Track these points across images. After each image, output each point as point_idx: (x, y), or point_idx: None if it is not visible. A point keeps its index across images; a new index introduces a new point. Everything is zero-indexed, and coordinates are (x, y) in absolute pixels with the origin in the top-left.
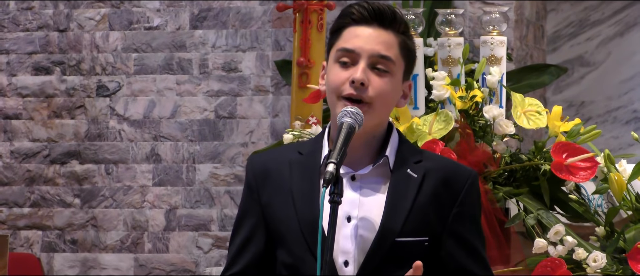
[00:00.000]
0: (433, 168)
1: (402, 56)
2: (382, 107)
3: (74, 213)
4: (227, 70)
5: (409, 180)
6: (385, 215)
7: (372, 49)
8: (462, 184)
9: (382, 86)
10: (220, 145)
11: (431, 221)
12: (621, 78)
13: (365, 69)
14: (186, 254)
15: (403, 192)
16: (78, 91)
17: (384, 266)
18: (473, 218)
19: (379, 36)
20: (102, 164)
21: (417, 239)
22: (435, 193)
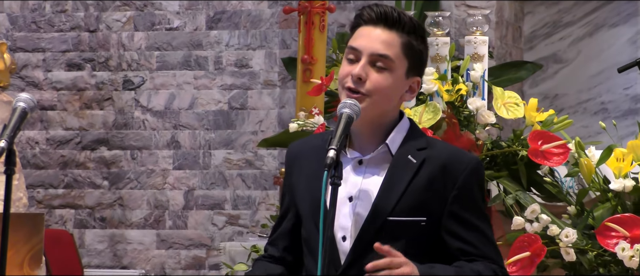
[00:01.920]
0: (434, 155)
1: (405, 54)
2: (380, 100)
3: (103, 194)
4: (239, 66)
5: (408, 165)
6: (379, 195)
7: (372, 48)
8: (461, 170)
9: (379, 81)
10: (233, 133)
11: (429, 203)
12: (590, 73)
13: (365, 65)
14: (203, 230)
15: (399, 175)
16: (106, 85)
17: (375, 240)
18: (473, 201)
19: (381, 36)
20: (128, 150)
21: (412, 219)
22: (433, 178)
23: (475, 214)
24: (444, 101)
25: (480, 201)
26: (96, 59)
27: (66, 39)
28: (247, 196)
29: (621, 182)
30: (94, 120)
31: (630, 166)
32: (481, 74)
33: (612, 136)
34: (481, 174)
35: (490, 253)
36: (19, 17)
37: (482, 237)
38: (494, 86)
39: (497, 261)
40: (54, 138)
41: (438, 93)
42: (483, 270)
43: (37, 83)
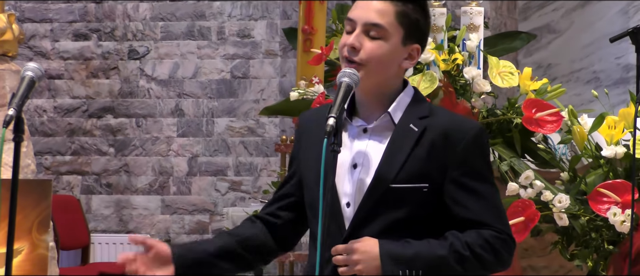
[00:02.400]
0: (436, 123)
1: (399, 23)
2: (376, 68)
3: (109, 161)
4: (241, 36)
5: (409, 133)
6: (381, 163)
7: (366, 17)
8: (461, 137)
9: (374, 50)
10: (235, 101)
11: (430, 170)
12: (583, 44)
13: (359, 34)
14: (206, 196)
15: (401, 143)
16: (112, 55)
17: (379, 209)
18: (473, 167)
19: (375, 6)
20: (133, 118)
21: (414, 185)
22: (434, 145)
23: (476, 180)
24: (441, 70)
25: (481, 166)
26: (102, 29)
27: (73, 9)
28: (249, 162)
29: (613, 149)
30: (100, 89)
31: (621, 133)
32: (477, 44)
33: (604, 104)
34: (482, 141)
35: (489, 218)
36: None
37: (483, 202)
38: (489, 56)
39: (495, 226)
40: (61, 106)
41: (435, 62)
42: (473, 239)
43: (45, 53)
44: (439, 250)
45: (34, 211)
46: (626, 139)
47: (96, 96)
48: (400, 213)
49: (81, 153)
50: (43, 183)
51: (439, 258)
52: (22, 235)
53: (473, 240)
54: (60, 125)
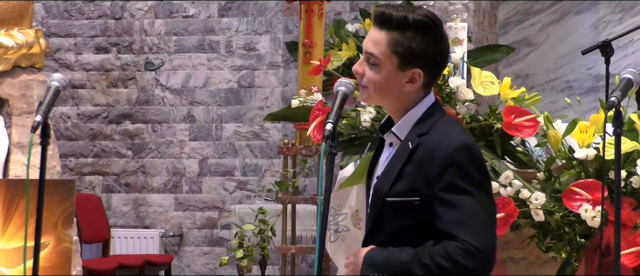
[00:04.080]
0: (426, 140)
1: (392, 51)
2: (375, 91)
3: (127, 162)
4: (247, 49)
5: (405, 150)
6: (379, 178)
7: (366, 46)
8: (441, 153)
9: (371, 76)
10: (242, 108)
11: (419, 185)
12: (557, 55)
13: (362, 61)
14: (215, 194)
15: (397, 160)
16: (130, 66)
17: (382, 219)
18: (451, 182)
19: (374, 36)
20: (149, 123)
21: (405, 199)
22: (421, 161)
23: (453, 193)
24: None
25: (458, 180)
26: (121, 43)
27: (94, 25)
28: (255, 164)
29: (584, 151)
30: (119, 97)
31: (592, 137)
32: (461, 56)
33: (577, 110)
34: (459, 156)
35: (457, 230)
36: (53, 6)
37: (455, 214)
38: (472, 67)
39: (460, 238)
40: (84, 113)
41: None
42: (437, 249)
43: (69, 64)
44: (405, 256)
45: (59, 208)
46: (596, 143)
47: (116, 103)
48: (401, 222)
49: (102, 156)
50: (67, 182)
51: (402, 263)
52: (49, 230)
53: (437, 249)
54: (83, 130)
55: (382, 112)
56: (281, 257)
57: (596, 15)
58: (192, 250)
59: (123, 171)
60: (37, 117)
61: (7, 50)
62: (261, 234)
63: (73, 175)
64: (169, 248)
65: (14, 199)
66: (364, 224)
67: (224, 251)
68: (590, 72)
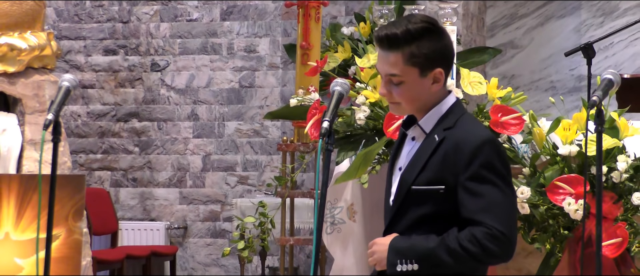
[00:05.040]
0: (453, 134)
1: (411, 64)
2: (408, 103)
3: (134, 158)
4: (248, 51)
5: (432, 142)
6: (406, 168)
7: (383, 70)
8: (468, 146)
9: (400, 93)
10: (243, 107)
11: (444, 175)
12: (541, 57)
13: (385, 84)
14: (218, 188)
15: (423, 151)
16: (137, 67)
17: (406, 207)
18: (477, 172)
19: (387, 58)
20: (155, 121)
21: (430, 187)
22: (447, 153)
23: (478, 182)
24: None
25: (484, 171)
26: (128, 46)
27: (103, 28)
28: (255, 160)
29: (567, 148)
30: (126, 97)
31: (575, 134)
32: None
33: (560, 109)
34: (487, 150)
35: (482, 216)
36: (63, 11)
37: (480, 202)
38: (461, 68)
39: (486, 223)
40: (93, 112)
41: None
42: (464, 235)
43: (79, 66)
44: (431, 243)
45: (70, 202)
46: (579, 140)
47: (123, 103)
48: (424, 210)
49: (110, 152)
50: (77, 177)
51: (429, 249)
52: (60, 222)
53: (464, 235)
54: (92, 128)
55: (375, 111)
56: (280, 248)
57: (578, 19)
58: (196, 241)
59: (130, 166)
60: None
61: (20, 52)
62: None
63: (83, 170)
64: (174, 240)
65: (27, 193)
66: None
67: (226, 243)
68: (572, 73)
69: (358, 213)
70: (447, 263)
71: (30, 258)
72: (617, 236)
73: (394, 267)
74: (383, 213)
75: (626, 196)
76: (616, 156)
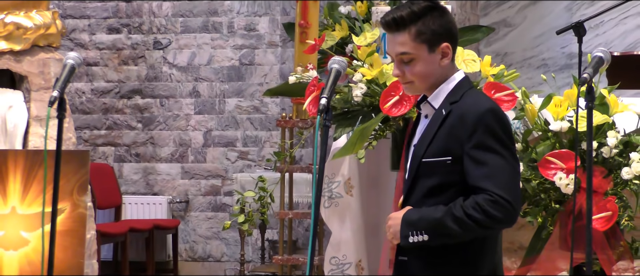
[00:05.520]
0: (457, 107)
1: (419, 42)
2: (421, 80)
3: (137, 134)
4: (248, 30)
5: (439, 116)
6: (417, 143)
7: (394, 51)
8: (472, 117)
9: (412, 71)
10: (243, 84)
11: (451, 146)
12: (534, 35)
13: (398, 64)
14: (218, 164)
15: (432, 126)
16: (140, 45)
17: (419, 179)
18: (482, 141)
19: (396, 39)
20: (158, 98)
21: (439, 159)
22: (453, 125)
23: (482, 151)
24: None
25: (488, 140)
26: (131, 24)
27: (107, 7)
28: (255, 135)
29: (559, 124)
30: (130, 74)
31: (566, 110)
32: None
33: (552, 86)
34: (489, 119)
35: (485, 183)
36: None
37: (484, 170)
38: None
39: (489, 190)
40: (97, 89)
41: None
42: (468, 203)
43: (84, 44)
44: (439, 213)
45: (75, 177)
46: (570, 116)
47: (126, 80)
48: (433, 181)
49: (114, 128)
50: (82, 153)
51: (436, 219)
52: (65, 197)
53: (468, 203)
54: (96, 104)
55: (372, 88)
56: (279, 221)
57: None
58: (197, 215)
59: (133, 142)
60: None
61: (26, 30)
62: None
63: (87, 146)
64: (176, 214)
65: (33, 168)
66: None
67: (226, 216)
68: (564, 50)
69: (355, 187)
70: (455, 231)
71: (36, 231)
72: (607, 210)
73: (407, 239)
74: (379, 187)
75: (616, 171)
76: (606, 131)
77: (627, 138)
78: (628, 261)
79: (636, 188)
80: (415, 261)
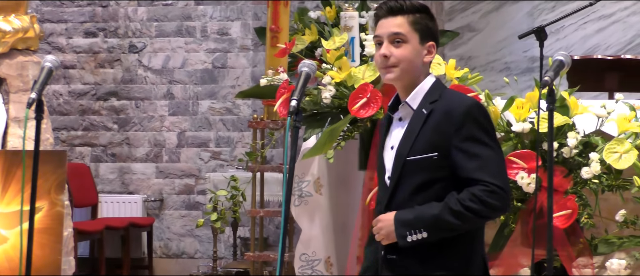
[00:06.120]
0: (440, 104)
1: (414, 29)
2: (406, 66)
3: (113, 135)
4: (220, 34)
5: (420, 116)
6: (400, 143)
7: (389, 31)
8: (458, 111)
9: (400, 53)
10: (216, 87)
11: (437, 142)
12: (497, 40)
13: (387, 45)
14: (192, 163)
15: (414, 125)
16: (116, 49)
17: (404, 178)
18: (470, 134)
19: (392, 21)
20: (133, 100)
21: (425, 156)
22: (438, 122)
23: (471, 143)
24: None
25: (476, 132)
26: (107, 28)
27: (84, 12)
28: (227, 136)
29: (521, 125)
30: (106, 77)
31: (528, 112)
32: None
33: (514, 89)
34: (476, 112)
35: (479, 174)
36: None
37: (476, 161)
38: None
39: (484, 180)
40: (74, 91)
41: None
42: (464, 195)
43: (61, 47)
44: (435, 209)
45: (53, 176)
46: (531, 117)
47: (103, 82)
48: (420, 178)
49: (91, 129)
50: (59, 153)
51: (434, 216)
52: (43, 195)
53: (464, 195)
54: (73, 106)
55: (341, 90)
56: (251, 219)
57: (531, 3)
58: (172, 213)
59: (110, 142)
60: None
61: (5, 34)
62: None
63: (65, 146)
64: (150, 212)
65: (11, 168)
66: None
67: (200, 214)
68: (526, 54)
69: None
70: (454, 224)
71: (15, 229)
72: (567, 208)
73: (405, 239)
74: (348, 186)
75: (576, 171)
76: (566, 132)
77: (586, 139)
78: (587, 258)
79: (595, 187)
80: (407, 260)
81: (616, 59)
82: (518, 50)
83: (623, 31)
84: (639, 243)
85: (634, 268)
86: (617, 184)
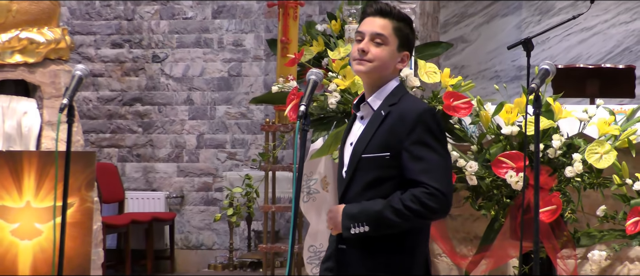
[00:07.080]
0: (397, 108)
1: (395, 34)
2: (379, 65)
3: (138, 137)
4: (235, 45)
5: (379, 117)
6: (357, 140)
7: (372, 29)
8: (411, 115)
9: (378, 52)
10: (231, 93)
11: (390, 143)
12: (487, 50)
13: (367, 42)
14: (210, 163)
15: (372, 125)
16: (140, 59)
17: (358, 174)
18: (420, 138)
19: (378, 22)
20: (156, 105)
21: (378, 154)
22: (393, 124)
23: (420, 147)
24: None
25: (425, 137)
26: (132, 40)
27: (111, 25)
28: (242, 138)
29: (510, 128)
30: (131, 84)
31: (516, 116)
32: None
33: (503, 95)
34: (427, 117)
35: (423, 177)
36: (76, 9)
37: (422, 164)
38: (418, 59)
39: (426, 183)
40: (103, 97)
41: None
42: (406, 195)
43: (90, 57)
44: (378, 206)
45: (82, 175)
46: (519, 121)
47: (128, 89)
48: (372, 175)
49: (117, 132)
50: (89, 154)
51: (377, 212)
52: (74, 193)
53: (406, 195)
54: (101, 111)
55: (345, 96)
56: (264, 214)
57: (519, 17)
58: (191, 208)
59: (135, 144)
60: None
61: (39, 45)
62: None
63: (94, 148)
64: (172, 207)
65: (45, 167)
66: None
67: (217, 210)
68: (514, 63)
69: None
70: (394, 221)
71: (48, 223)
72: (552, 204)
73: (348, 230)
74: None
75: (560, 170)
76: (551, 135)
77: (570, 141)
78: (571, 249)
79: (578, 185)
80: (353, 250)
81: (597, 68)
82: (507, 60)
83: (603, 42)
84: (618, 236)
85: (613, 258)
86: (598, 182)
